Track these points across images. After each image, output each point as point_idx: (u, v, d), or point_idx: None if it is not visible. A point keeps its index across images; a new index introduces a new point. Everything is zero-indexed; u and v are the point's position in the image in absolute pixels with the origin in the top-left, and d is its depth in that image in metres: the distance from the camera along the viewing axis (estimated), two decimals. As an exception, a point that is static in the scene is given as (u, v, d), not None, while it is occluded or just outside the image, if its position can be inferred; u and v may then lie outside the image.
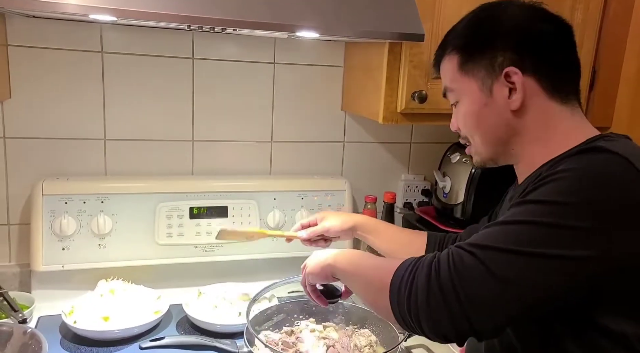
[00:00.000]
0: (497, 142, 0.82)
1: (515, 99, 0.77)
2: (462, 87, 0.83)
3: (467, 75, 0.81)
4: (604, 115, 1.31)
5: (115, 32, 1.29)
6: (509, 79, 0.77)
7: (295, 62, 1.43)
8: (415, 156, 1.59)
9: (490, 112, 0.80)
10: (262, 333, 1.07)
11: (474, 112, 0.82)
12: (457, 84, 0.83)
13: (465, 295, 0.65)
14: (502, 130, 0.80)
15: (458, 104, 0.85)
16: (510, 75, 0.77)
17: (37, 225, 1.22)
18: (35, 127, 1.27)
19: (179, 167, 1.40)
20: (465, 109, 0.83)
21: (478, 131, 0.83)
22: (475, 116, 0.82)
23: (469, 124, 0.84)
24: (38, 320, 1.16)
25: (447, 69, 0.85)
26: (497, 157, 0.84)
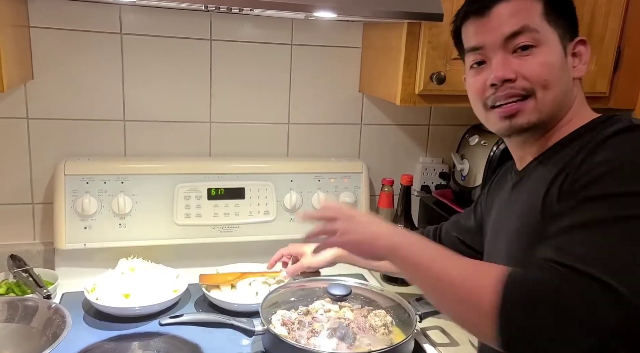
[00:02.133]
0: (563, 104, 0.78)
1: (582, 68, 0.78)
2: (546, 32, 0.77)
3: (551, 25, 0.77)
4: (629, 97, 1.27)
5: (134, 14, 1.29)
6: (576, 50, 0.78)
7: (313, 43, 1.42)
8: (433, 138, 1.57)
9: (566, 71, 0.78)
10: (278, 313, 1.08)
11: (557, 64, 0.77)
12: (541, 28, 0.76)
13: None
14: (569, 94, 0.79)
15: (534, 49, 0.76)
16: (581, 45, 0.79)
17: (60, 204, 1.25)
18: (57, 108, 1.30)
19: (196, 149, 1.41)
20: (546, 58, 0.76)
21: (556, 85, 0.76)
22: (558, 69, 0.77)
23: (548, 74, 0.76)
24: (62, 296, 1.19)
25: (527, 8, 0.77)
26: (550, 120, 0.78)
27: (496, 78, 0.77)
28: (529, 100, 0.76)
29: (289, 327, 1.04)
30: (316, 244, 0.85)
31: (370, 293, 1.17)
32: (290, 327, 1.04)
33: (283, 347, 0.97)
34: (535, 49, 0.76)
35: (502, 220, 0.86)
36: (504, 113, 0.78)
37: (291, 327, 1.04)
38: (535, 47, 0.76)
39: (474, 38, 0.81)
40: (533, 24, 0.76)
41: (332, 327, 1.02)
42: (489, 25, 0.78)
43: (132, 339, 1.06)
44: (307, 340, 1.00)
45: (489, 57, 0.79)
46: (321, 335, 1.01)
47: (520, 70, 0.76)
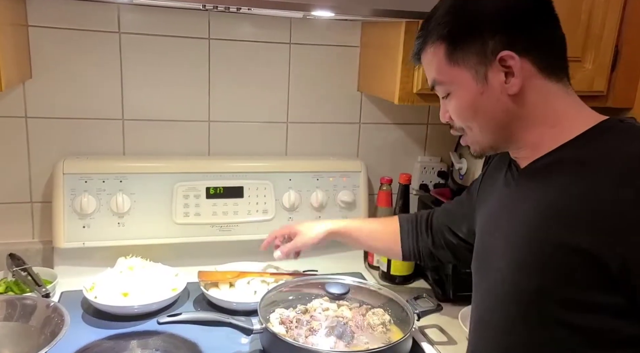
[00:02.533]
0: (497, 129, 0.78)
1: (514, 83, 0.74)
2: (452, 78, 0.78)
3: (456, 65, 0.77)
4: (627, 96, 1.28)
5: (132, 13, 1.29)
6: (505, 64, 0.73)
7: (311, 42, 1.42)
8: (431, 137, 1.58)
9: (488, 99, 0.76)
10: (276, 311, 1.09)
11: (469, 102, 0.78)
12: (447, 76, 0.79)
13: None
14: (502, 117, 0.77)
15: (450, 96, 0.80)
16: (506, 60, 0.73)
17: (59, 203, 1.25)
18: (55, 107, 1.30)
19: (195, 148, 1.41)
20: (459, 101, 0.79)
21: (476, 121, 0.79)
22: (471, 106, 0.78)
23: (465, 115, 0.79)
24: (61, 295, 1.19)
25: (431, 60, 0.80)
26: (497, 144, 0.81)
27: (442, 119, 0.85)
28: (467, 135, 0.82)
29: (287, 326, 1.04)
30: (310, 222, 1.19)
31: (368, 291, 1.17)
32: (289, 326, 1.04)
33: (281, 345, 0.97)
34: (450, 95, 0.80)
35: (502, 218, 0.83)
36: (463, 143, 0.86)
37: (289, 325, 1.04)
38: (450, 94, 0.80)
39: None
40: (439, 76, 0.80)
41: (330, 326, 1.02)
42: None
43: (130, 338, 1.07)
44: (305, 339, 1.00)
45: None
46: (319, 334, 1.01)
47: (447, 114, 0.83)
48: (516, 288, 0.75)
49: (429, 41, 0.79)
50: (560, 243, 0.69)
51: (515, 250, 0.76)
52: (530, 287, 0.73)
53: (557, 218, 0.70)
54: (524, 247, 0.75)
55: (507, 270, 0.77)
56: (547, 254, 0.70)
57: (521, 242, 0.76)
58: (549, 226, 0.71)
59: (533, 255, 0.73)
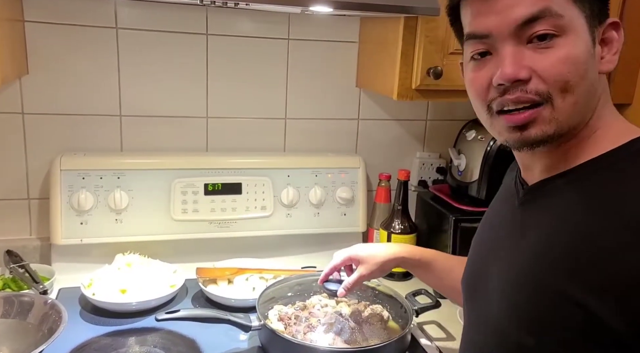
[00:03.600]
0: (586, 107, 0.61)
1: (611, 59, 0.60)
2: (569, 17, 0.59)
3: (575, 5, 0.59)
4: (626, 92, 1.27)
5: (129, 8, 1.28)
6: (605, 35, 0.60)
7: (310, 38, 1.41)
8: (430, 133, 1.57)
9: (593, 65, 0.60)
10: (275, 308, 1.08)
11: (581, 58, 0.59)
12: (565, 10, 0.59)
13: None
14: (594, 94, 0.61)
15: (555, 40, 0.59)
16: (615, 29, 0.60)
17: (56, 199, 1.24)
18: (52, 103, 1.29)
19: (193, 144, 1.41)
20: (570, 51, 0.59)
21: (581, 85, 0.59)
22: (583, 64, 0.59)
23: (572, 72, 0.59)
24: (59, 292, 1.19)
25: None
26: (571, 130, 0.62)
27: (505, 77, 0.60)
28: (544, 108, 0.60)
29: (286, 322, 1.04)
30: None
31: (367, 288, 1.17)
32: (287, 322, 1.04)
33: (279, 342, 0.97)
34: (558, 40, 0.59)
35: (503, 240, 0.72)
36: (514, 122, 0.62)
37: (288, 322, 1.04)
38: (558, 37, 0.59)
39: (476, 21, 0.63)
40: (556, 6, 0.59)
41: (328, 322, 1.02)
42: (498, 5, 0.60)
43: (128, 334, 1.06)
44: (303, 335, 1.00)
45: (496, 47, 0.62)
46: (318, 330, 1.01)
47: (536, 67, 0.60)
48: (505, 328, 0.65)
49: None
50: (569, 299, 0.57)
51: (511, 286, 0.66)
52: (528, 340, 0.62)
53: (555, 262, 0.59)
54: (518, 286, 0.64)
55: (499, 304, 0.68)
56: (552, 309, 0.59)
57: (517, 279, 0.65)
58: (544, 268, 0.61)
59: (525, 297, 0.62)
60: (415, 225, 1.39)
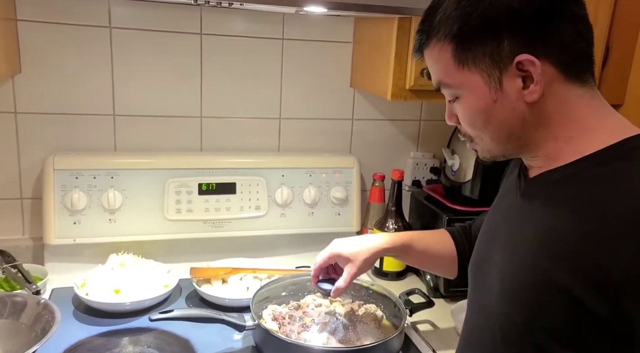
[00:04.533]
0: (511, 138, 0.70)
1: (533, 90, 0.65)
2: (461, 81, 0.69)
3: (466, 68, 0.68)
4: (617, 92, 1.29)
5: (123, 7, 1.28)
6: (522, 68, 0.65)
7: (304, 38, 1.42)
8: (424, 134, 1.58)
9: (502, 107, 0.68)
10: (269, 308, 1.09)
11: (480, 109, 0.69)
12: (454, 79, 0.70)
13: None
14: (517, 125, 0.69)
15: (458, 100, 0.72)
16: (524, 64, 0.64)
17: (49, 199, 1.24)
18: (45, 103, 1.28)
19: (187, 143, 1.41)
20: (469, 107, 0.71)
21: (488, 130, 0.71)
22: (483, 114, 0.69)
23: (475, 122, 0.71)
24: (52, 292, 1.18)
25: (437, 59, 0.71)
26: (508, 152, 0.74)
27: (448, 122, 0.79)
28: (475, 142, 0.75)
29: (280, 322, 1.04)
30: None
31: (361, 288, 1.17)
32: (281, 322, 1.04)
33: (273, 341, 0.97)
34: (459, 100, 0.72)
35: (501, 232, 0.78)
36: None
37: (282, 321, 1.04)
38: (458, 98, 0.72)
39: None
40: (446, 78, 0.71)
41: (322, 322, 1.03)
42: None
43: (122, 335, 1.06)
44: (297, 335, 1.00)
45: None
46: (312, 330, 1.01)
47: (454, 118, 0.76)
48: (504, 316, 0.71)
49: (434, 37, 0.70)
50: (555, 283, 0.63)
51: (508, 275, 0.71)
52: (518, 318, 0.68)
53: (556, 254, 0.64)
54: (515, 275, 0.70)
55: (497, 293, 0.73)
56: (540, 290, 0.65)
57: (514, 268, 0.70)
58: (541, 258, 0.65)
59: (523, 286, 0.67)
60: (409, 225, 1.40)
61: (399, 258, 1.09)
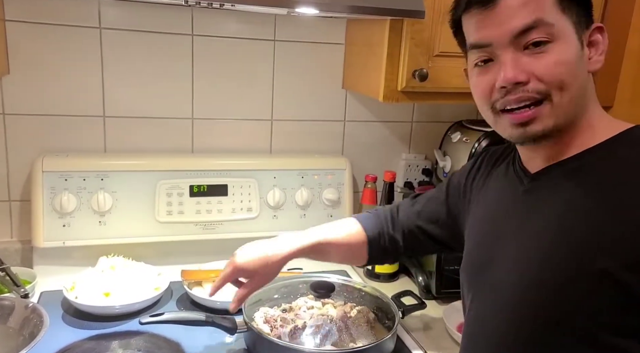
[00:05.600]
0: (581, 102, 0.70)
1: (598, 60, 0.69)
2: (560, 25, 0.67)
3: (565, 13, 0.68)
4: (607, 93, 1.30)
5: (113, 8, 1.27)
6: (598, 34, 0.69)
7: (296, 39, 1.41)
8: (416, 135, 1.58)
9: (582, 66, 0.69)
10: (261, 310, 1.08)
11: (572, 59, 0.67)
12: (555, 20, 0.67)
13: None
14: (586, 91, 0.70)
15: (548, 46, 0.67)
16: (601, 31, 0.69)
17: (38, 201, 1.22)
18: (34, 104, 1.27)
19: (178, 145, 1.40)
20: (562, 55, 0.67)
21: (572, 86, 0.68)
22: (573, 66, 0.68)
23: (565, 73, 0.67)
24: (40, 295, 1.17)
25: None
26: (567, 126, 0.70)
27: (506, 80, 0.68)
28: (544, 105, 0.68)
29: (272, 324, 1.03)
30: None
31: (353, 289, 1.17)
32: (273, 324, 1.03)
33: (265, 344, 0.97)
34: (550, 45, 0.67)
35: (509, 226, 0.77)
36: (517, 120, 0.70)
37: (274, 324, 1.04)
38: (550, 43, 0.67)
39: (478, 33, 0.72)
40: (547, 17, 0.67)
41: (315, 324, 1.02)
42: (496, 18, 0.69)
43: (112, 338, 1.05)
44: (289, 338, 0.99)
45: (497, 54, 0.70)
46: (304, 333, 1.01)
47: (533, 70, 0.68)
48: (529, 308, 0.70)
49: None
50: (583, 266, 0.64)
51: (529, 266, 0.71)
52: (545, 309, 0.68)
53: (579, 238, 0.65)
54: (540, 265, 0.69)
55: (519, 287, 0.71)
56: (567, 276, 0.66)
57: (537, 259, 0.70)
58: (569, 246, 0.66)
59: (551, 275, 0.67)
60: (401, 227, 1.39)
61: (310, 258, 1.04)
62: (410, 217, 1.02)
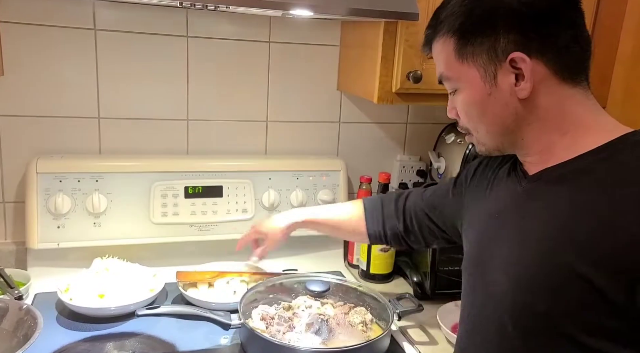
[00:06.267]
0: (505, 132, 0.75)
1: (524, 87, 0.70)
2: (460, 75, 0.75)
3: (466, 62, 0.73)
4: (599, 95, 1.28)
5: (108, 9, 1.27)
6: (515, 65, 0.70)
7: (291, 41, 1.42)
8: (410, 136, 1.59)
9: (496, 101, 0.73)
10: (259, 307, 1.08)
11: (476, 102, 0.74)
12: (455, 72, 0.75)
13: None
14: (510, 120, 0.73)
15: (457, 92, 0.77)
16: (516, 61, 0.69)
17: (32, 203, 1.22)
18: (29, 105, 1.27)
19: (173, 146, 1.40)
20: (466, 99, 0.76)
21: (483, 122, 0.76)
22: (478, 106, 0.75)
23: (471, 114, 0.76)
24: (35, 297, 1.17)
25: (441, 53, 0.77)
26: (504, 147, 0.78)
27: (448, 115, 0.82)
28: (472, 136, 0.80)
29: (268, 322, 1.04)
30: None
31: (352, 290, 1.18)
32: (269, 322, 1.04)
33: (258, 341, 0.98)
34: (458, 91, 0.77)
35: (506, 225, 0.78)
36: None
37: (270, 321, 1.04)
38: (457, 90, 0.77)
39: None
40: (447, 71, 0.77)
41: (308, 322, 1.03)
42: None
43: (107, 340, 1.05)
44: (282, 335, 1.00)
45: None
46: (297, 330, 1.01)
47: (454, 110, 0.80)
48: (519, 306, 0.71)
49: (440, 32, 0.76)
50: (573, 270, 0.65)
51: (522, 266, 0.72)
52: (535, 308, 0.69)
53: (572, 242, 0.66)
54: (532, 265, 0.70)
55: (510, 286, 0.73)
56: (558, 278, 0.67)
57: (529, 259, 0.71)
58: (562, 249, 0.67)
59: (543, 276, 0.68)
60: (395, 228, 1.40)
61: (312, 230, 1.21)
62: (417, 202, 1.08)
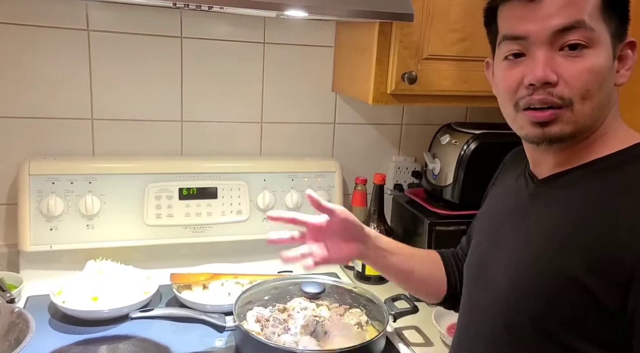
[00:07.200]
0: (601, 113, 0.68)
1: (625, 74, 0.68)
2: (599, 32, 0.66)
3: (604, 22, 0.66)
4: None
5: (102, 10, 1.26)
6: (628, 49, 0.68)
7: (286, 42, 1.41)
8: (406, 138, 1.59)
9: (611, 77, 0.68)
10: (254, 309, 1.08)
11: (602, 69, 0.66)
12: (595, 26, 0.65)
13: None
14: (609, 103, 0.68)
15: (584, 51, 0.65)
16: (634, 46, 0.68)
17: (24, 205, 1.21)
18: (20, 107, 1.26)
19: (168, 148, 1.39)
20: (595, 62, 0.65)
21: (598, 94, 0.66)
22: (603, 75, 0.66)
23: (593, 82, 0.66)
24: (27, 300, 1.15)
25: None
26: (586, 131, 0.69)
27: (536, 78, 0.66)
28: (565, 110, 0.67)
29: (263, 324, 1.04)
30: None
31: (347, 292, 1.17)
32: (264, 324, 1.04)
33: (251, 342, 0.97)
34: (586, 51, 0.65)
35: (508, 229, 0.77)
36: (538, 119, 0.68)
37: (265, 323, 1.04)
38: (587, 48, 0.65)
39: (516, 25, 0.69)
40: (589, 20, 0.65)
41: (303, 324, 1.02)
42: (539, 13, 0.66)
43: (100, 343, 1.04)
44: (277, 337, 0.99)
45: (531, 50, 0.68)
46: (292, 332, 1.01)
47: (563, 73, 0.66)
48: (512, 307, 0.71)
49: None
50: (569, 274, 0.64)
51: (516, 272, 0.71)
52: (528, 310, 0.68)
53: (562, 249, 0.66)
54: (524, 271, 0.70)
55: (506, 291, 0.72)
56: (554, 282, 0.66)
57: (523, 265, 0.71)
58: (551, 255, 0.67)
59: (540, 284, 0.67)
60: (391, 229, 1.40)
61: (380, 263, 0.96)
62: (463, 246, 1.01)
